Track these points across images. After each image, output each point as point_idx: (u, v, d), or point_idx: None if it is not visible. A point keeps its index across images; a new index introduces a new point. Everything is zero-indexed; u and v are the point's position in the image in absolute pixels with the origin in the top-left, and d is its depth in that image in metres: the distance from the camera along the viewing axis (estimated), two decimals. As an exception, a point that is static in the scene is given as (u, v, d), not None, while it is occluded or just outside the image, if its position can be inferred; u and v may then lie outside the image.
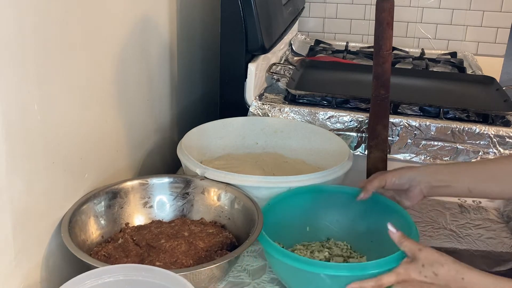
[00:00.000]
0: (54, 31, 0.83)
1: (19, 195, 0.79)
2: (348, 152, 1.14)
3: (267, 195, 1.01)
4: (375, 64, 1.04)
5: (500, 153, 1.26)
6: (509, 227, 1.17)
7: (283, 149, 1.29)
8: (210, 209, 1.04)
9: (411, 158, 1.29)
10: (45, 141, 0.84)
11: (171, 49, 1.33)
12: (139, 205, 1.04)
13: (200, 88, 1.57)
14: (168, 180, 1.06)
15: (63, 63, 0.86)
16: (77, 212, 0.93)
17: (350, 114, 1.32)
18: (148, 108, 1.23)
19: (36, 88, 0.80)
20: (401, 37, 2.04)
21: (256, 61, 1.35)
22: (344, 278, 0.83)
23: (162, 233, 0.98)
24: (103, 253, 0.91)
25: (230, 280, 0.95)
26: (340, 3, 2.06)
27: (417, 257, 0.81)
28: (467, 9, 1.98)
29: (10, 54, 0.73)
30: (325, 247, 1.01)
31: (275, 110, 1.35)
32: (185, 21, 1.39)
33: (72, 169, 0.93)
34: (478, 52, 2.01)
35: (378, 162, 1.08)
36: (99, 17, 0.97)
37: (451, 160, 1.27)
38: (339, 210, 1.04)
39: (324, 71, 1.61)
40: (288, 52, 1.82)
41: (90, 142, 0.98)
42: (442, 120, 1.30)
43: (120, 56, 1.07)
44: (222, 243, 0.95)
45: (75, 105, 0.92)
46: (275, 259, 0.87)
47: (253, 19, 1.27)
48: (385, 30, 1.01)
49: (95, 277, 0.76)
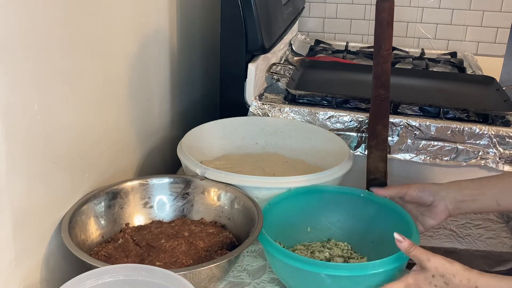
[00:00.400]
0: (55, 31, 0.83)
1: (19, 195, 0.79)
2: (348, 152, 1.14)
3: (267, 195, 1.01)
4: (375, 64, 1.04)
5: (500, 153, 1.26)
6: (509, 227, 1.17)
7: (283, 149, 1.29)
8: (210, 209, 1.04)
9: (411, 158, 1.29)
10: (45, 141, 0.84)
11: (171, 49, 1.33)
12: (139, 205, 1.04)
13: (200, 88, 1.57)
14: (168, 180, 1.06)
15: (63, 63, 0.86)
16: (77, 212, 0.93)
17: (350, 114, 1.32)
18: (148, 108, 1.23)
19: (36, 88, 0.80)
20: (401, 37, 2.04)
21: (256, 61, 1.35)
22: (344, 278, 0.83)
23: (162, 233, 0.98)
24: (103, 253, 0.91)
25: (230, 280, 0.95)
26: (340, 3, 2.06)
27: (427, 267, 0.79)
28: (467, 9, 1.98)
29: (10, 54, 0.73)
30: (326, 248, 1.01)
31: (275, 110, 1.35)
32: (185, 21, 1.39)
33: (72, 169, 0.93)
34: (478, 52, 2.01)
35: (378, 162, 1.08)
36: (99, 17, 0.97)
37: (451, 160, 1.27)
38: (340, 211, 1.04)
39: (324, 71, 1.61)
40: (288, 52, 1.82)
41: (90, 142, 0.98)
42: (442, 120, 1.30)
43: (120, 56, 1.07)
44: (222, 243, 0.95)
45: (75, 105, 0.92)
46: (276, 259, 0.87)
47: (253, 19, 1.27)
48: (385, 30, 1.01)
49: (95, 277, 0.76)
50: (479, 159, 1.27)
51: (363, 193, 1.03)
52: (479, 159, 1.27)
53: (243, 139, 1.29)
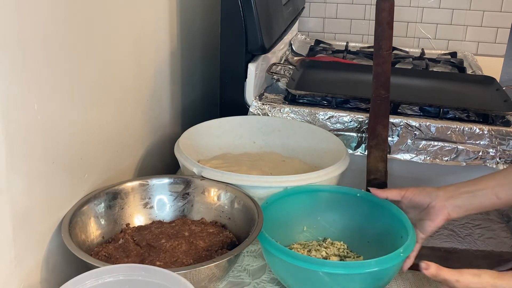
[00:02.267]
0: (55, 31, 0.83)
1: (19, 196, 0.79)
2: (345, 151, 1.15)
3: (265, 194, 1.01)
4: (375, 64, 1.04)
5: (500, 153, 1.26)
6: (509, 227, 1.17)
7: (281, 148, 1.29)
8: (210, 209, 1.04)
9: (411, 158, 1.29)
10: (45, 141, 0.84)
11: (171, 49, 1.33)
12: (140, 206, 1.04)
13: (200, 88, 1.57)
14: (168, 180, 1.06)
15: (63, 63, 0.86)
16: (77, 212, 0.93)
17: (350, 114, 1.32)
18: (148, 108, 1.23)
19: (36, 88, 0.80)
20: (401, 37, 2.04)
21: (256, 61, 1.35)
22: (342, 276, 0.83)
23: (162, 233, 0.98)
24: (103, 253, 0.91)
25: (230, 280, 0.95)
26: (340, 3, 2.06)
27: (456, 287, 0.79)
28: (467, 9, 1.98)
29: (10, 54, 0.73)
30: (322, 247, 1.01)
31: (275, 110, 1.35)
32: (185, 21, 1.39)
33: (72, 169, 0.93)
34: (478, 52, 2.01)
35: (378, 162, 1.08)
36: (99, 17, 0.97)
37: (451, 160, 1.27)
38: (336, 210, 1.04)
39: (324, 71, 1.61)
40: (288, 52, 1.82)
41: (90, 142, 0.98)
42: (442, 120, 1.30)
43: (120, 55, 1.07)
44: (222, 242, 0.96)
45: (75, 105, 0.92)
46: (274, 257, 0.87)
47: (253, 19, 1.27)
48: (385, 30, 1.01)
49: (95, 277, 0.76)
50: (479, 159, 1.27)
51: (359, 193, 1.03)
52: (479, 159, 1.27)
53: (240, 138, 1.29)
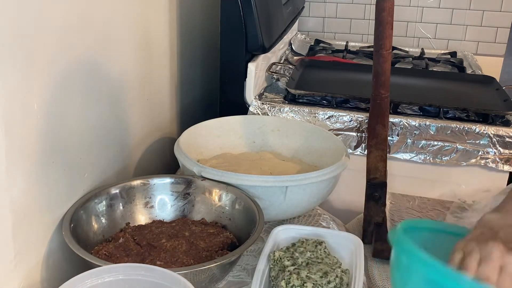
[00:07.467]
0: (54, 30, 0.83)
1: (19, 195, 0.79)
2: (344, 150, 1.14)
3: (265, 194, 1.01)
4: (375, 64, 1.04)
5: (500, 153, 1.26)
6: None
7: (280, 148, 1.29)
8: (211, 210, 1.04)
9: (411, 158, 1.30)
10: (45, 140, 0.84)
11: (171, 49, 1.33)
12: (140, 205, 1.04)
13: (200, 88, 1.57)
14: (170, 180, 1.06)
15: (63, 63, 0.86)
16: (78, 211, 0.93)
17: (350, 114, 1.32)
18: (148, 107, 1.23)
19: (36, 88, 0.80)
20: (401, 36, 2.04)
21: (256, 61, 1.35)
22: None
23: (163, 233, 0.98)
24: (104, 252, 0.91)
25: (230, 279, 0.95)
26: (340, 3, 2.06)
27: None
28: (467, 9, 1.98)
29: (10, 54, 0.74)
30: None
31: (275, 109, 1.35)
32: (185, 21, 1.39)
33: (72, 168, 0.93)
34: (478, 52, 2.01)
35: (378, 162, 1.08)
36: (99, 17, 0.97)
37: (451, 160, 1.27)
38: None
39: (324, 71, 1.61)
40: (288, 51, 1.82)
41: (90, 141, 0.98)
42: (442, 120, 1.30)
43: (120, 55, 1.07)
44: (222, 243, 0.95)
45: (75, 105, 0.92)
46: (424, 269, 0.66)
47: (253, 19, 1.27)
48: (385, 30, 1.01)
49: (95, 277, 0.76)
50: (479, 159, 1.27)
51: None
52: (479, 159, 1.27)
53: (240, 138, 1.29)
